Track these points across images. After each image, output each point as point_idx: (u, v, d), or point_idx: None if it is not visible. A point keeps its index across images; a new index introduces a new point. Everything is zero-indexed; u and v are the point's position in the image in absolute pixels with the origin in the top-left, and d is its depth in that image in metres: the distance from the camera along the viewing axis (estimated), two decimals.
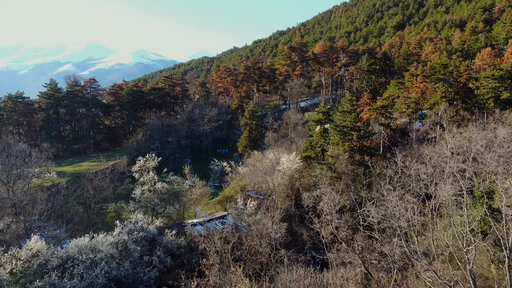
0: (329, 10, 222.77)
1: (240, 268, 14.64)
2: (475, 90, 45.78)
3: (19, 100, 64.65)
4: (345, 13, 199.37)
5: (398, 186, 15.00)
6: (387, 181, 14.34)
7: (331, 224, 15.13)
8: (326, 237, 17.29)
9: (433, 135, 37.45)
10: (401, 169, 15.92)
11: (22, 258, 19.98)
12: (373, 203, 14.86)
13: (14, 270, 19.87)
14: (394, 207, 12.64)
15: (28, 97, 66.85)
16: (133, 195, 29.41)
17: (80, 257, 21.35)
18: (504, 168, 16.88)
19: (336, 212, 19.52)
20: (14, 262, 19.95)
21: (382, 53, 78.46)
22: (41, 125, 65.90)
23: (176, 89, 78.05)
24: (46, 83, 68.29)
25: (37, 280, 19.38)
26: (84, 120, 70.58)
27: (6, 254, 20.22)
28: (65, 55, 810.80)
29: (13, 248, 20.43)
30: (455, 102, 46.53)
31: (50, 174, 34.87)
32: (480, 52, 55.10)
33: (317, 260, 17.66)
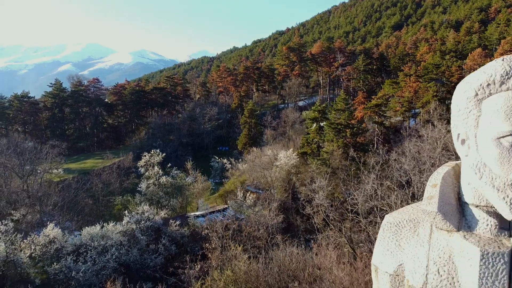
0: (328, 10, 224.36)
1: (239, 246, 16.50)
2: None
3: (25, 99, 66.56)
4: (344, 13, 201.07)
5: (379, 173, 16.85)
6: (370, 170, 16.14)
7: (320, 209, 16.91)
8: (318, 223, 19.16)
9: (424, 132, 39.34)
10: (383, 160, 17.61)
11: (41, 243, 21.82)
12: (359, 190, 16.70)
13: (33, 255, 21.77)
14: (372, 187, 14.46)
15: (34, 97, 68.79)
16: (139, 188, 31.31)
17: (92, 243, 23.26)
18: None
19: (330, 206, 21.36)
20: (33, 248, 21.82)
21: (379, 53, 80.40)
22: (46, 124, 67.82)
23: (178, 89, 79.99)
24: (51, 83, 70.16)
25: (54, 263, 21.28)
26: (88, 119, 72.50)
27: (25, 241, 22.10)
28: (64, 54, 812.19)
29: (31, 234, 22.30)
30: (447, 101, 48.40)
31: (57, 170, 36.80)
32: (472, 53, 57.04)
33: (309, 244, 19.60)
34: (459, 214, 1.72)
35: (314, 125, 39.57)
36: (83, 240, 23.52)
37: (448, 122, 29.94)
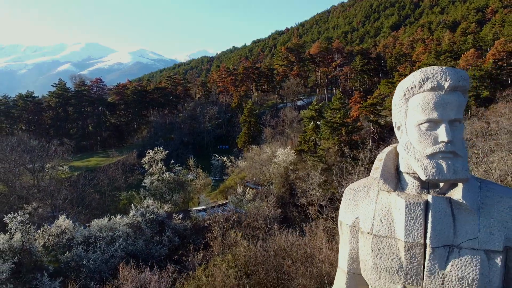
0: (327, 10, 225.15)
1: (239, 233, 18.02)
2: None
3: (30, 99, 68.05)
4: (342, 13, 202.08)
5: (368, 166, 18.33)
6: (359, 163, 17.58)
7: (314, 199, 18.43)
8: (312, 214, 20.69)
9: None
10: (372, 155, 19.07)
11: (53, 234, 23.31)
12: (348, 180, 18.19)
13: (46, 244, 23.27)
14: (358, 178, 15.98)
15: (38, 96, 70.30)
16: (143, 184, 32.84)
17: (101, 234, 24.78)
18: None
19: (323, 196, 22.88)
20: (46, 237, 23.32)
21: (376, 53, 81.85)
22: (49, 123, 69.31)
23: (178, 89, 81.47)
24: (54, 83, 71.61)
25: (66, 252, 22.79)
26: (91, 118, 74.00)
27: (38, 231, 23.59)
28: (64, 54, 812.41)
29: (44, 225, 23.81)
30: None
31: (63, 168, 38.32)
32: (465, 53, 58.50)
33: (303, 232, 21.16)
34: (396, 180, 2.25)
35: (311, 123, 41.10)
36: (92, 231, 25.02)
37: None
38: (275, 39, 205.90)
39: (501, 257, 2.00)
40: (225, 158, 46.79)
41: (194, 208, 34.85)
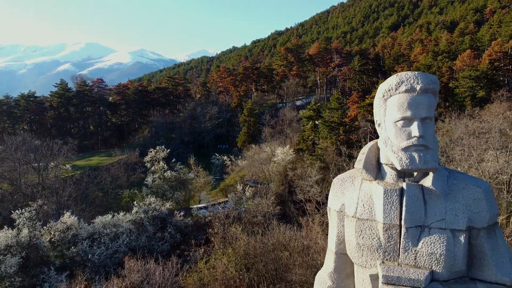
0: (326, 10, 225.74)
1: (239, 227, 18.76)
2: (455, 89, 49.98)
3: (32, 99, 68.77)
4: (342, 13, 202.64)
5: None
6: (354, 161, 18.22)
7: (311, 196, 19.18)
8: (310, 210, 21.43)
9: None
10: None
11: (59, 230, 24.06)
12: None
13: (52, 239, 24.02)
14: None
15: (40, 96, 71.02)
16: (145, 182, 33.59)
17: (105, 230, 25.53)
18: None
19: (320, 192, 23.62)
20: (52, 233, 24.07)
21: (375, 54, 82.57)
22: (51, 123, 70.04)
23: (179, 89, 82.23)
24: (56, 83, 72.32)
25: (72, 247, 23.54)
26: (92, 118, 74.73)
27: (44, 227, 24.35)
28: (64, 54, 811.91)
29: (50, 221, 24.57)
30: None
31: (66, 166, 39.06)
32: (462, 54, 59.20)
33: (301, 226, 21.89)
34: (377, 170, 2.52)
35: (310, 123, 41.84)
36: (96, 227, 25.76)
37: (436, 120, 32.06)
38: (274, 39, 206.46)
39: (464, 235, 2.27)
40: (225, 157, 47.47)
41: (195, 206, 35.62)
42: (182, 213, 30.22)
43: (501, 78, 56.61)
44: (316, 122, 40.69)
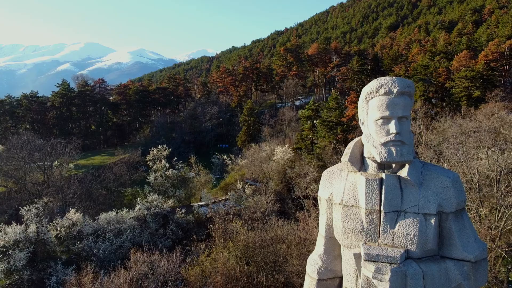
0: (326, 10, 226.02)
1: (239, 222, 19.57)
2: (451, 89, 50.76)
3: (34, 99, 69.55)
4: (341, 13, 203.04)
5: None
6: None
7: (308, 192, 19.99)
8: (307, 206, 22.23)
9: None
10: None
11: (65, 226, 24.87)
12: None
13: (58, 235, 24.82)
14: None
15: (42, 96, 71.82)
16: (147, 180, 34.40)
17: (109, 227, 26.35)
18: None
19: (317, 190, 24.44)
20: (58, 229, 24.88)
21: (373, 54, 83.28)
22: (53, 122, 70.82)
23: (179, 89, 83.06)
24: (58, 83, 73.11)
25: (78, 243, 24.35)
26: (93, 117, 75.52)
27: (51, 223, 25.14)
28: (63, 54, 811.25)
29: (56, 217, 25.38)
30: (432, 100, 51.52)
31: (68, 165, 39.86)
32: (458, 54, 59.97)
33: (298, 222, 22.69)
34: (360, 163, 2.85)
35: (308, 122, 42.64)
36: (100, 223, 26.57)
37: (432, 119, 32.97)
38: (274, 39, 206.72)
39: (435, 218, 2.57)
40: (225, 156, 48.23)
41: (196, 204, 36.43)
42: (183, 211, 30.98)
43: (499, 78, 57.45)
44: (315, 121, 41.49)
